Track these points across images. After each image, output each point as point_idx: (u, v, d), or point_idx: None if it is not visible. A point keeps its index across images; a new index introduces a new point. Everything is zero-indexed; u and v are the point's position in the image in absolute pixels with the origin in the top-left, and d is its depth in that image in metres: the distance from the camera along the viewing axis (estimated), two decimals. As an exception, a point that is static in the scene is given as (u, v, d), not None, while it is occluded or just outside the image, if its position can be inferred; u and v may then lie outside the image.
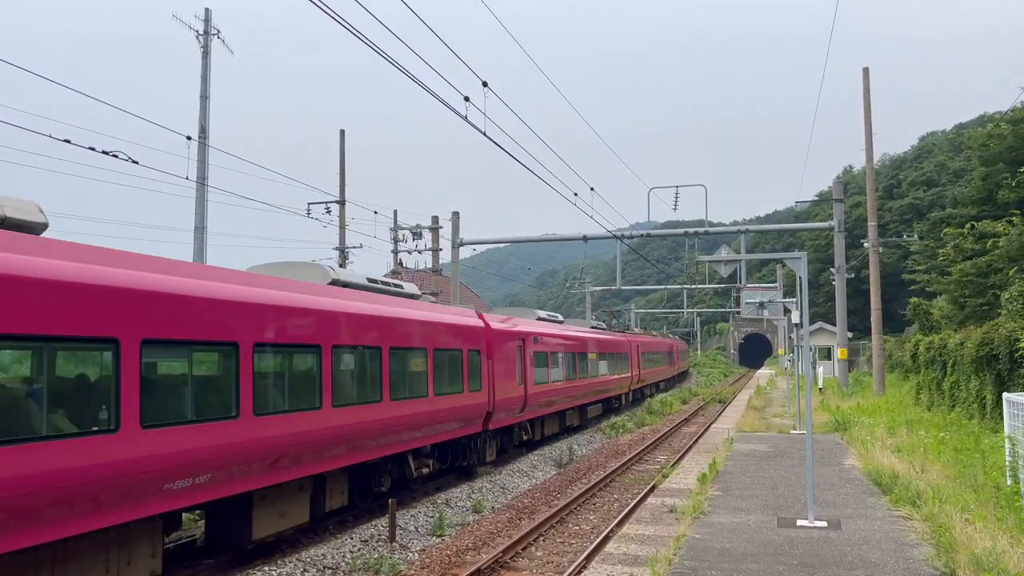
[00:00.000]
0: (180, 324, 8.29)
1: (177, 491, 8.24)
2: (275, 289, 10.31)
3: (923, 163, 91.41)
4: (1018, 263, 25.55)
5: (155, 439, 7.80)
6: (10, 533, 6.44)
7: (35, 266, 6.77)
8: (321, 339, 11.12)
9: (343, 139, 31.38)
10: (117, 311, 7.53)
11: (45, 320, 6.83)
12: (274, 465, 10.02)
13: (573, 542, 12.36)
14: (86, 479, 7.04)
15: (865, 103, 27.10)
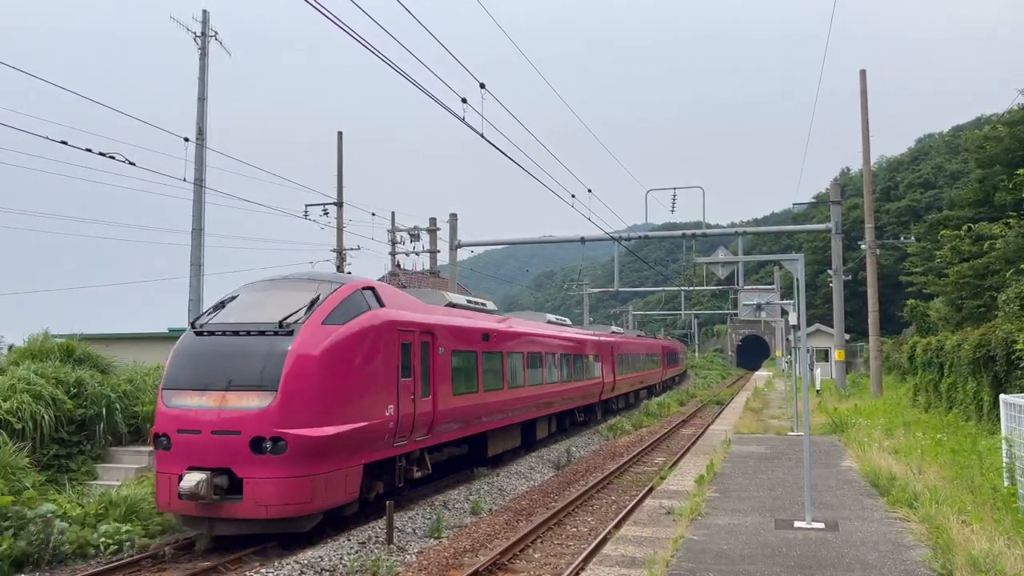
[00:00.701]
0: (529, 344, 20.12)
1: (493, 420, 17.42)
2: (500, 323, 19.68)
3: (920, 165, 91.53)
4: (1015, 265, 25.58)
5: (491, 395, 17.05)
6: (470, 428, 15.97)
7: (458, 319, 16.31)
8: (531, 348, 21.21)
9: (340, 141, 31.39)
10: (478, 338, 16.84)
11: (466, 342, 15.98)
12: (507, 415, 18.58)
13: (571, 544, 12.35)
14: (493, 409, 16.98)
15: (862, 105, 27.15)
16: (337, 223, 30.09)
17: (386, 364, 12.38)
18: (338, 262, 30.73)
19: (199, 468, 10.39)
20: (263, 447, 10.36)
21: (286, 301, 11.67)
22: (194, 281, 31.27)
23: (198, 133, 30.99)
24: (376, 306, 12.73)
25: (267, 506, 10.45)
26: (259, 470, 10.35)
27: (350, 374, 11.50)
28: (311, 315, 11.26)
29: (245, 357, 10.85)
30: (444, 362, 14.78)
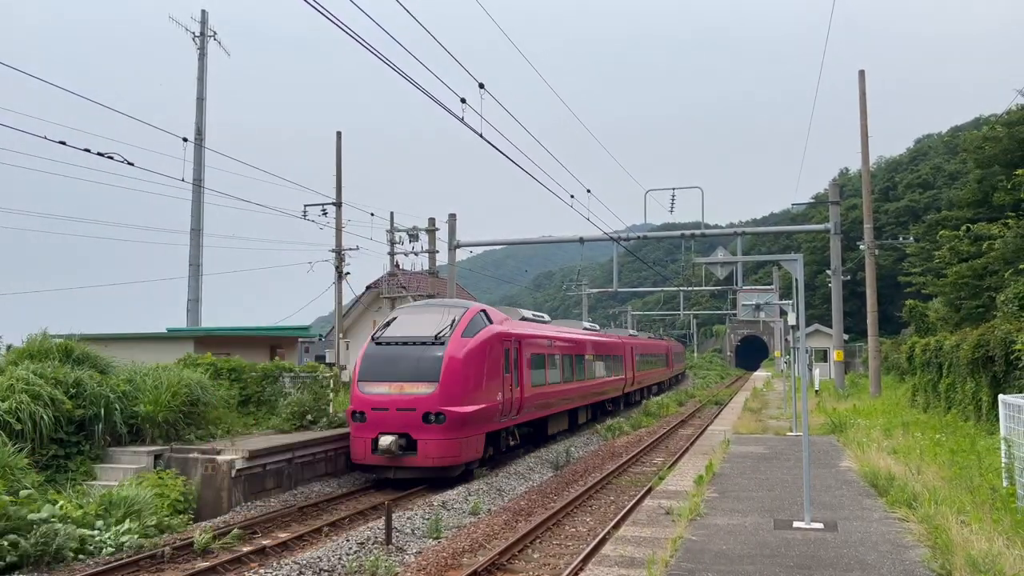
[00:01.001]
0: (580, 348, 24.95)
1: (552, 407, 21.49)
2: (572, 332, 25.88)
3: (919, 165, 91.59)
4: (1014, 265, 25.59)
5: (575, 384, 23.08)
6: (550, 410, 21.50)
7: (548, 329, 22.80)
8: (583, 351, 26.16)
9: (339, 142, 31.32)
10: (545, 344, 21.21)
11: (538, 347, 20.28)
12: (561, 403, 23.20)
13: (570, 544, 12.35)
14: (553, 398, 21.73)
15: (861, 106, 27.16)
16: (336, 223, 30.02)
17: (497, 364, 17.50)
18: (337, 262, 30.66)
19: (388, 433, 15.51)
20: (430, 419, 15.47)
21: (434, 321, 16.97)
22: (193, 281, 31.29)
23: (197, 133, 30.98)
24: (488, 323, 17.81)
25: (432, 458, 15.54)
26: (427, 434, 15.45)
27: (479, 371, 16.58)
28: (454, 331, 16.51)
29: (415, 359, 16.01)
30: (527, 362, 19.82)
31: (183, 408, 15.73)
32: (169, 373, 16.20)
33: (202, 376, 17.00)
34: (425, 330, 16.73)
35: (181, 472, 14.38)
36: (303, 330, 30.19)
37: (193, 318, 30.72)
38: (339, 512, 14.39)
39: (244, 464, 14.67)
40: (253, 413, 19.01)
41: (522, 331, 19.95)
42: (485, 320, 17.80)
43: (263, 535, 12.86)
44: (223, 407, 17.38)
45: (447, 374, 15.76)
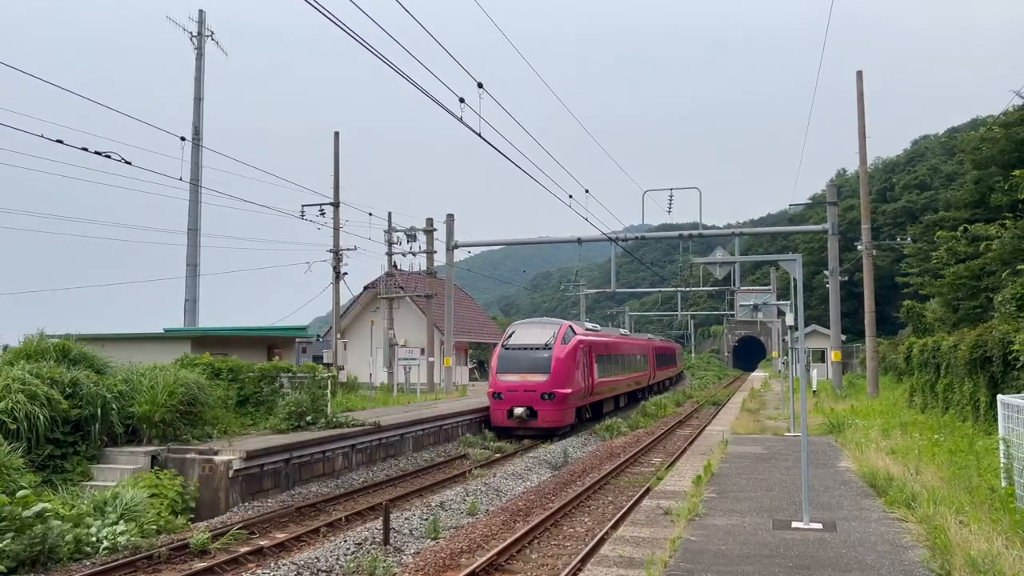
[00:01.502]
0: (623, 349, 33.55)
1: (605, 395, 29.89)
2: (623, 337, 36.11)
3: (916, 166, 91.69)
4: (1011, 266, 25.62)
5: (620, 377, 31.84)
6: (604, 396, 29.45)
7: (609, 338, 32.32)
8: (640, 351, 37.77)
9: (337, 141, 31.34)
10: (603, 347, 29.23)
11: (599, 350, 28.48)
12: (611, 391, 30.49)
13: (568, 544, 12.33)
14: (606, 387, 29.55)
15: (859, 107, 27.18)
16: (334, 224, 30.02)
17: (579, 361, 25.44)
18: (334, 263, 30.65)
19: (519, 406, 23.63)
20: (545, 397, 23.61)
21: (541, 333, 25.63)
22: (190, 281, 31.23)
23: (194, 133, 30.92)
24: (574, 334, 25.96)
25: (547, 422, 23.84)
26: (543, 407, 23.46)
27: (572, 367, 24.71)
28: (555, 340, 24.89)
29: (532, 359, 24.28)
30: (594, 361, 27.61)
31: (180, 408, 15.70)
32: (166, 373, 16.17)
33: (199, 376, 16.98)
34: (536, 339, 25.39)
35: (178, 472, 14.35)
36: (301, 330, 30.15)
37: (190, 318, 30.67)
38: (337, 513, 14.36)
39: (242, 464, 14.64)
40: (251, 413, 18.98)
41: (591, 339, 28.22)
42: (572, 332, 26.13)
43: (261, 535, 12.83)
44: (220, 407, 17.35)
45: (554, 368, 24.35)
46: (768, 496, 10.22)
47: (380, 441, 19.62)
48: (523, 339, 25.42)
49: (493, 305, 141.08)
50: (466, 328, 46.57)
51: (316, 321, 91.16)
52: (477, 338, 49.55)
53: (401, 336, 37.98)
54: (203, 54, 31.46)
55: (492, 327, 55.86)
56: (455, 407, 25.87)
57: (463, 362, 47.64)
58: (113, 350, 19.39)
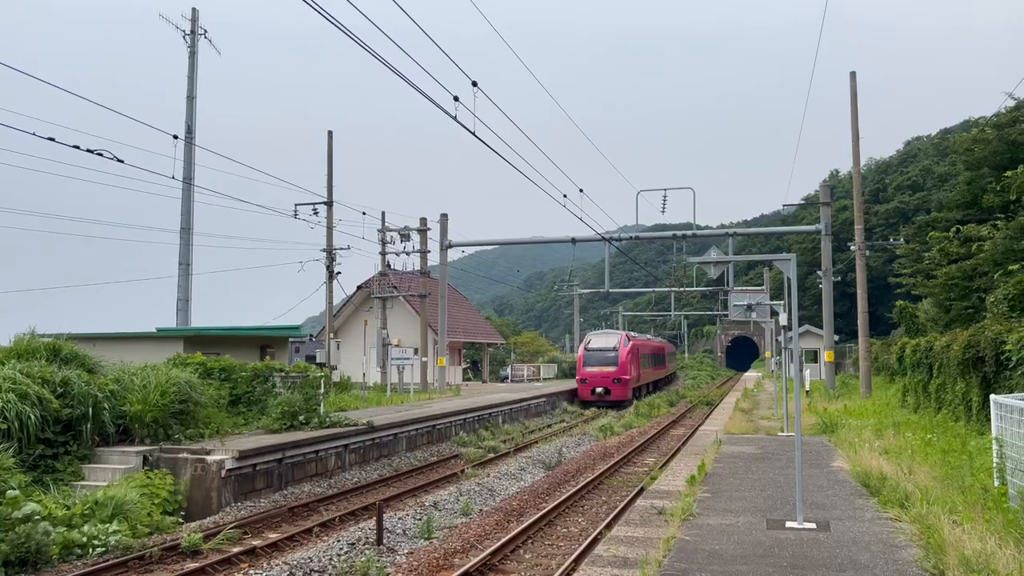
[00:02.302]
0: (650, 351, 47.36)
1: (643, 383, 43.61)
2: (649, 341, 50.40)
3: (908, 167, 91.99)
4: (1002, 267, 25.72)
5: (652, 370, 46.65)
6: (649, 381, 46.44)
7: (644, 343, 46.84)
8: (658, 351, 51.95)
9: (331, 140, 31.26)
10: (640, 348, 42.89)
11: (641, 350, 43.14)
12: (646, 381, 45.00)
13: (562, 545, 12.31)
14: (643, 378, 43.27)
15: (852, 107, 27.23)
16: (327, 223, 29.95)
17: (632, 359, 38.85)
18: (327, 262, 30.59)
19: (598, 387, 37.24)
20: (614, 381, 37.26)
21: (609, 339, 39.42)
22: (183, 281, 31.11)
23: (187, 131, 30.81)
24: (629, 341, 39.17)
25: (616, 397, 37.30)
26: (614, 388, 37.04)
27: (629, 362, 38.09)
28: (619, 344, 38.24)
29: (606, 357, 37.66)
30: (639, 358, 40.38)
31: (172, 408, 15.62)
32: (158, 372, 16.09)
33: (191, 376, 16.89)
34: (607, 344, 38.68)
35: (170, 472, 14.27)
36: (294, 330, 30.06)
37: (183, 318, 30.56)
38: (330, 512, 14.32)
39: (234, 464, 14.57)
40: (243, 413, 18.90)
41: (638, 343, 41.93)
42: (628, 339, 39.54)
43: (253, 536, 12.78)
44: (213, 407, 17.27)
45: (620, 363, 37.46)
46: (762, 496, 10.21)
47: (373, 441, 19.57)
48: (598, 344, 39.21)
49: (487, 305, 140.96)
50: (460, 328, 46.52)
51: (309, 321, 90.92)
52: (471, 338, 49.49)
53: (395, 336, 37.91)
54: (196, 52, 31.34)
55: (486, 327, 55.80)
56: (449, 407, 25.83)
57: (457, 362, 47.60)
58: (105, 349, 19.28)
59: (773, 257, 8.80)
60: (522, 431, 27.30)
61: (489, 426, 26.37)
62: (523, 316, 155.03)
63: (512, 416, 29.39)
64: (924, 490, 9.05)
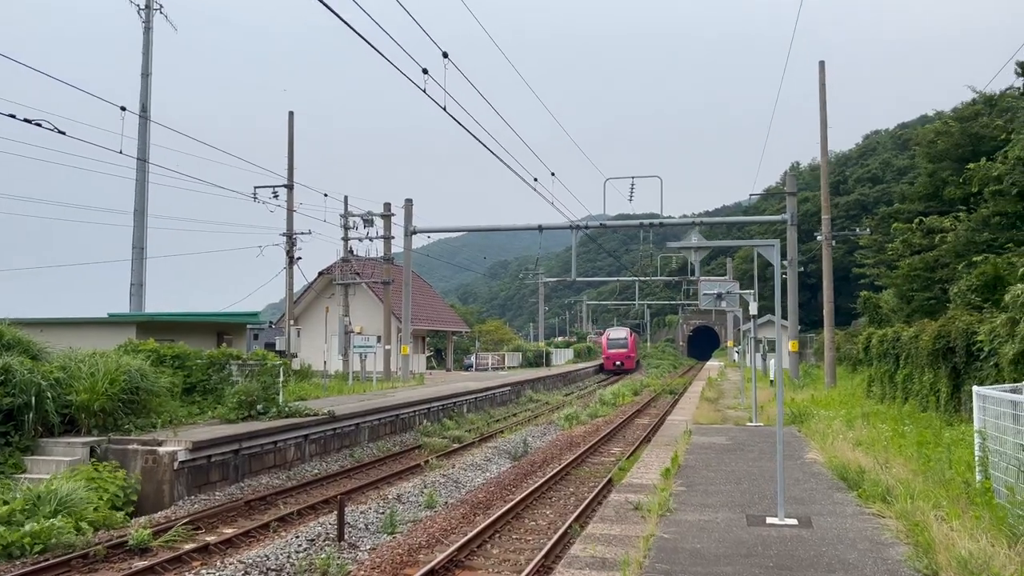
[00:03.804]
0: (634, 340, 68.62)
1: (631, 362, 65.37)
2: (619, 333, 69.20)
3: (868, 160, 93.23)
4: (964, 258, 25.93)
5: None
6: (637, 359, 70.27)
7: None
8: None
9: (291, 122, 30.40)
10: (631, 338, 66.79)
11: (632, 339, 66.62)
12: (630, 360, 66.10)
13: (530, 539, 11.94)
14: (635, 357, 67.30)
15: (821, 97, 27.19)
16: (287, 206, 29.12)
17: (634, 345, 65.90)
18: (288, 247, 29.77)
19: (617, 361, 61.22)
20: (627, 358, 61.74)
21: (621, 332, 65.57)
22: (136, 265, 30.02)
23: (141, 110, 29.67)
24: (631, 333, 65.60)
25: (628, 369, 61.06)
26: (626, 362, 61.34)
27: (634, 346, 65.15)
28: (628, 335, 64.11)
29: (621, 343, 62.35)
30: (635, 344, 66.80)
31: (122, 397, 14.90)
32: (107, 360, 15.34)
33: (143, 363, 16.16)
34: (621, 335, 63.46)
35: (120, 465, 13.61)
36: (252, 316, 29.23)
37: (136, 303, 29.50)
38: (288, 506, 13.75)
39: (187, 456, 13.94)
40: (198, 402, 18.21)
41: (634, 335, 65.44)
42: (631, 332, 64.72)
43: (207, 531, 12.19)
44: (166, 396, 16.57)
45: (629, 347, 61.71)
46: (738, 489, 9.92)
47: (335, 431, 19.00)
48: (614, 335, 63.58)
49: (451, 293, 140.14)
50: (424, 316, 45.91)
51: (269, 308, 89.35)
52: (435, 326, 48.91)
53: (357, 323, 37.20)
54: (151, 27, 30.17)
55: (450, 315, 55.22)
56: (412, 396, 25.33)
57: (421, 350, 47.01)
58: (52, 335, 18.42)
59: (757, 243, 8.46)
60: (487, 420, 26.91)
61: (454, 415, 25.92)
62: (487, 304, 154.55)
63: (477, 405, 28.98)
64: (904, 484, 8.81)
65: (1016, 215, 26.25)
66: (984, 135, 34.01)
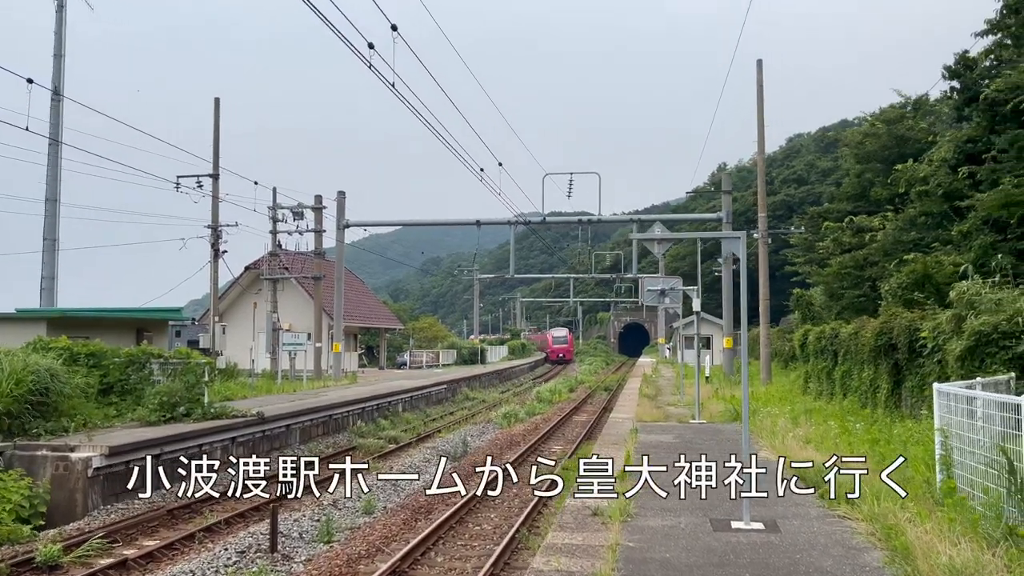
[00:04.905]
0: None
1: None
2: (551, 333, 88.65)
3: (793, 162, 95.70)
4: (893, 256, 26.52)
5: None
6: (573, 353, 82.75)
7: None
8: None
9: (217, 108, 29.06)
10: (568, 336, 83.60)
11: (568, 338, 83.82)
12: None
13: (476, 545, 11.39)
14: None
15: (758, 95, 27.39)
16: (212, 197, 27.78)
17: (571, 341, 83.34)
18: (213, 239, 28.42)
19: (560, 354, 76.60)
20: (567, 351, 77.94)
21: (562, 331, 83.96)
22: (48, 257, 28.16)
23: (54, 92, 27.86)
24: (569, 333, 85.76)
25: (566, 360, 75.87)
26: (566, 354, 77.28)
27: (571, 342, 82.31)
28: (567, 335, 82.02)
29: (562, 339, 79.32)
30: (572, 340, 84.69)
31: (30, 399, 13.71)
32: (13, 359, 14.10)
33: (54, 362, 14.94)
34: (561, 334, 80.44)
35: (27, 472, 12.47)
36: (174, 312, 27.78)
37: (48, 298, 27.64)
38: (216, 514, 12.84)
39: (103, 462, 12.90)
40: (116, 404, 17.02)
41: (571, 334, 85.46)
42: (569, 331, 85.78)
43: (125, 544, 11.24)
44: (80, 397, 15.38)
45: (568, 343, 78.57)
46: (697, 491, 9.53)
47: (264, 433, 18.07)
48: (557, 334, 79.97)
49: (382, 290, 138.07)
50: (356, 312, 44.76)
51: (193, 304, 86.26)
52: (368, 323, 47.77)
53: (286, 320, 35.91)
54: (64, 6, 28.35)
55: (383, 311, 54.11)
56: (346, 395, 24.45)
57: (353, 348, 45.84)
58: (-50, 332, 16.94)
59: (722, 235, 8.12)
60: (423, 420, 26.21)
61: (389, 415, 25.12)
62: (419, 301, 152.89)
63: (413, 404, 28.23)
64: (865, 483, 8.55)
65: (942, 215, 26.96)
66: (910, 137, 35.01)
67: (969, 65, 27.52)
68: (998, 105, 22.76)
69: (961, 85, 27.73)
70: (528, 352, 77.64)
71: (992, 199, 18.95)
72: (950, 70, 27.82)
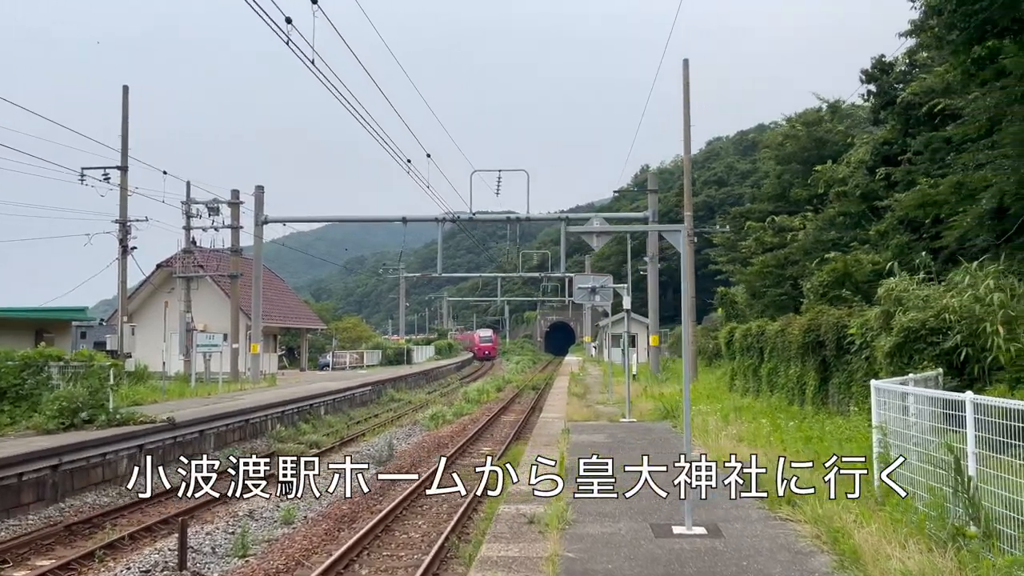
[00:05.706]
0: None
1: None
2: None
3: (713, 164, 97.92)
4: (813, 255, 27.04)
5: None
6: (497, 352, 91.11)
7: None
8: None
9: (126, 96, 27.49)
10: None
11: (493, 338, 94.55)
12: None
13: (403, 555, 10.81)
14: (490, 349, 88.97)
15: (684, 94, 27.52)
16: (121, 189, 26.23)
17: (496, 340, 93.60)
18: (121, 235, 26.84)
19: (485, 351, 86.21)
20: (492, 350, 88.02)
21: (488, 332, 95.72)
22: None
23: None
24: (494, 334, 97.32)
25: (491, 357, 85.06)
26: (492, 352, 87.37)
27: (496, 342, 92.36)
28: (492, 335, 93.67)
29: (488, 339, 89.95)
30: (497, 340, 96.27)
31: (-93, 407, 12.42)
32: None
33: (-64, 366, 13.64)
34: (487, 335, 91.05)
35: (-100, 489, 11.26)
36: (78, 312, 26.15)
37: (-64, 297, 25.69)
38: (120, 529, 11.87)
39: (-10, 476, 11.77)
40: (9, 411, 15.73)
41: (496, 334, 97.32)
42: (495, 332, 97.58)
43: (15, 565, 10.24)
44: (-34, 404, 14.09)
45: (493, 342, 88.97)
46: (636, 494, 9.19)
47: (175, 439, 17.02)
48: (483, 335, 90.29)
49: (303, 289, 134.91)
50: (276, 312, 43.29)
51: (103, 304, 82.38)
52: (288, 323, 46.29)
53: (200, 320, 34.36)
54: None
55: (305, 311, 52.58)
56: (264, 398, 23.42)
57: (272, 349, 44.32)
58: None
59: (664, 227, 7.77)
60: (347, 423, 25.37)
61: (310, 419, 24.18)
62: (343, 301, 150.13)
63: (335, 407, 27.31)
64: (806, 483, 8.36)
65: (860, 215, 27.65)
66: (828, 140, 35.93)
67: (885, 69, 28.36)
68: (913, 108, 23.42)
69: (877, 89, 28.53)
70: (455, 352, 76.92)
71: (910, 199, 19.36)
72: (867, 74, 28.58)
